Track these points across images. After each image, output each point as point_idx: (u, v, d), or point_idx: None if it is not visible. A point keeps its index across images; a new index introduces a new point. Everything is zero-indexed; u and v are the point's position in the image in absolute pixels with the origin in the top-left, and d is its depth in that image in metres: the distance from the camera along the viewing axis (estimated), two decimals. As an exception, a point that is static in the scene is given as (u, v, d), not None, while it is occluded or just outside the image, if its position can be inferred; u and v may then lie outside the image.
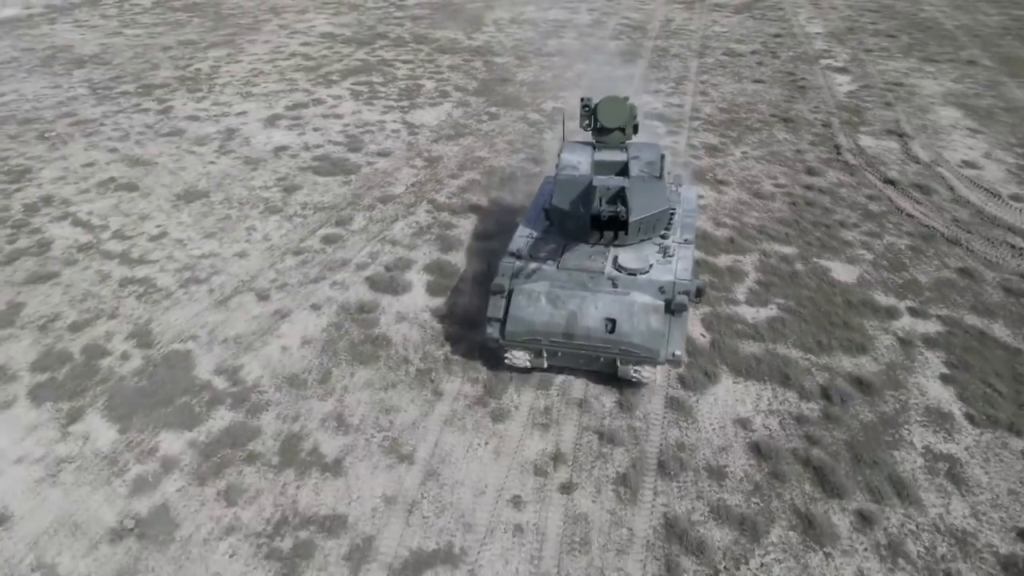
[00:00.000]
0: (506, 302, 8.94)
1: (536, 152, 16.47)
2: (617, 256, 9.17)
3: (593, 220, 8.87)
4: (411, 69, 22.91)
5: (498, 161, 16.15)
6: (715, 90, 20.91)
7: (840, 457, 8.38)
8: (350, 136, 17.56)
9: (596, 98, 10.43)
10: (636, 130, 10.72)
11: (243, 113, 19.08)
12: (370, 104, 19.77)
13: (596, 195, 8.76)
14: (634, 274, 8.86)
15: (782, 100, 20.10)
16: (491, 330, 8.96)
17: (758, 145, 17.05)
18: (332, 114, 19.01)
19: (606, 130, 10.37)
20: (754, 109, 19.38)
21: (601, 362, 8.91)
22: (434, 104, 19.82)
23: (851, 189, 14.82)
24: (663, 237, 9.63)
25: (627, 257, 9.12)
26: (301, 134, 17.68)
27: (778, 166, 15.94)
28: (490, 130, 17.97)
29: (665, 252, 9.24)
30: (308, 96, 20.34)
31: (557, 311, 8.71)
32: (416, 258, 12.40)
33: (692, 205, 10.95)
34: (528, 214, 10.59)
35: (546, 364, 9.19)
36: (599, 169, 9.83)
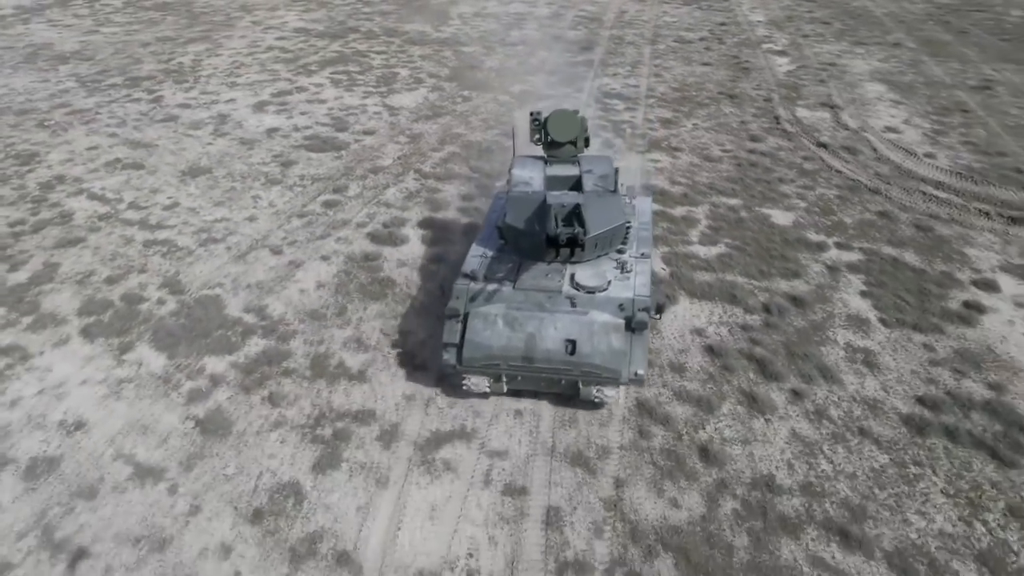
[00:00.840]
0: (462, 326, 8.68)
1: (508, 128, 18.07)
2: (574, 274, 8.95)
3: (549, 240, 8.55)
4: (385, 59, 24.39)
5: (474, 136, 17.75)
6: (667, 72, 22.85)
7: (778, 353, 10.20)
8: (335, 118, 18.99)
9: (546, 112, 10.34)
10: (587, 143, 10.51)
11: (231, 100, 20.35)
12: (350, 90, 21.21)
13: (551, 214, 8.46)
14: (592, 292, 8.68)
15: (728, 80, 22.12)
16: (447, 356, 8.69)
17: (707, 118, 18.98)
18: (316, 99, 20.40)
19: (557, 144, 10.18)
20: (703, 88, 21.34)
21: (563, 384, 8.76)
22: (411, 89, 21.34)
23: (789, 152, 16.81)
24: (620, 251, 9.50)
25: (584, 275, 8.91)
26: (289, 117, 19.05)
27: (725, 135, 17.87)
28: (465, 110, 19.57)
29: (623, 267, 9.07)
30: (291, 84, 21.68)
31: (515, 334, 8.46)
32: (409, 217, 13.95)
33: (647, 217, 10.74)
34: (481, 232, 10.32)
35: (506, 388, 9.00)
36: (552, 184, 9.56)
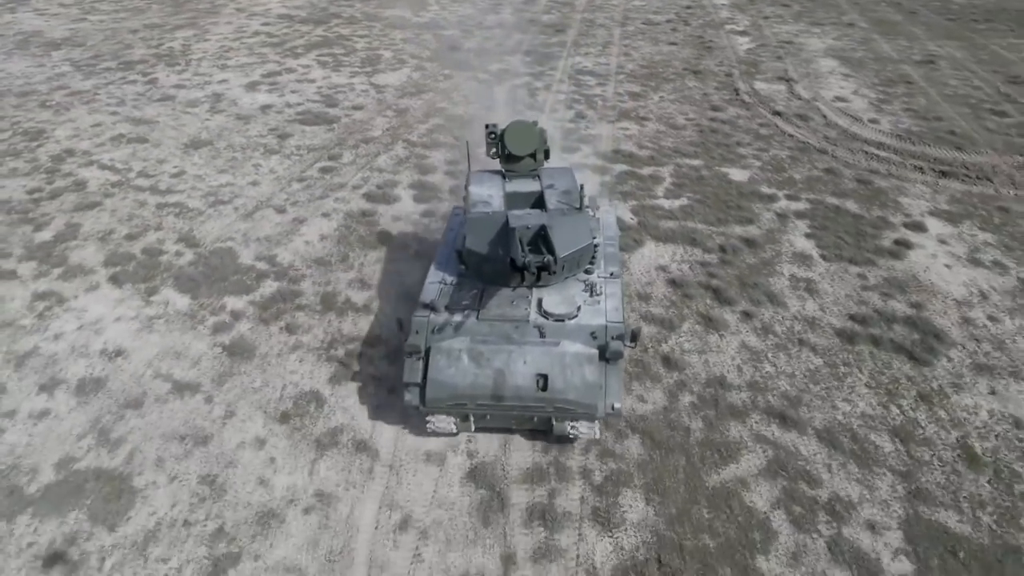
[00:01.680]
0: (424, 363, 7.96)
1: (488, 102, 19.41)
2: (541, 299, 8.29)
3: (515, 266, 7.97)
4: (368, 42, 25.55)
5: (457, 110, 19.03)
6: (636, 51, 24.29)
7: (731, 283, 11.66)
8: (325, 95, 20.16)
9: (502, 124, 9.73)
10: (547, 155, 9.86)
11: (224, 81, 21.42)
12: (337, 71, 22.37)
13: (515, 238, 7.84)
14: (562, 320, 8.02)
15: (692, 58, 23.61)
16: (409, 396, 7.98)
17: (672, 91, 20.43)
18: (305, 79, 21.54)
19: (515, 158, 9.63)
20: (669, 65, 22.81)
21: (535, 421, 8.23)
22: (394, 69, 22.55)
23: (746, 120, 18.32)
24: (587, 272, 8.84)
25: (552, 300, 8.26)
26: (281, 95, 20.18)
27: (689, 106, 19.34)
28: (447, 87, 20.84)
29: (592, 290, 8.42)
30: (280, 66, 22.78)
31: (482, 370, 7.79)
32: (400, 179, 15.22)
33: (613, 231, 10.17)
34: (438, 255, 9.56)
35: (473, 428, 8.47)
36: (512, 201, 8.95)
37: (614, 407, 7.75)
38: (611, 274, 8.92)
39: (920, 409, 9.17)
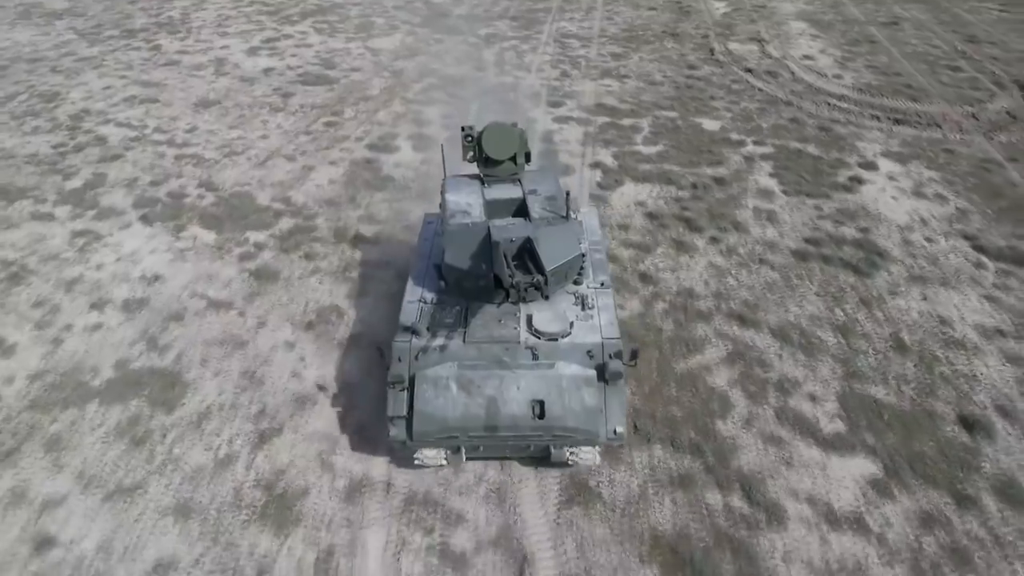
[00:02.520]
0: (409, 394, 7.34)
1: (478, 63, 20.59)
2: (531, 316, 7.69)
3: (500, 283, 7.37)
4: (361, 10, 26.57)
5: (449, 71, 20.21)
6: (618, 16, 25.50)
7: (702, 215, 13.04)
8: (323, 59, 21.26)
9: (479, 126, 8.78)
10: (528, 158, 8.95)
11: (226, 47, 22.44)
12: (333, 36, 23.43)
13: (500, 254, 7.16)
14: (555, 338, 7.44)
15: (671, 22, 24.85)
16: (395, 431, 7.35)
17: (652, 52, 21.69)
18: (303, 44, 22.61)
19: (494, 162, 8.70)
20: (648, 28, 24.05)
21: (531, 449, 7.68)
22: (388, 35, 23.64)
23: (720, 76, 19.64)
24: (575, 283, 8.24)
25: (543, 318, 7.66)
26: (282, 59, 21.26)
27: (667, 65, 20.62)
28: (438, 51, 21.98)
29: (583, 303, 7.86)
30: (278, 32, 23.81)
31: (472, 400, 7.21)
32: (399, 132, 16.45)
33: (597, 235, 9.53)
34: (414, 269, 8.75)
35: (465, 459, 8.02)
36: (493, 209, 8.16)
37: (616, 431, 7.27)
38: (601, 284, 8.29)
39: (861, 311, 10.63)
